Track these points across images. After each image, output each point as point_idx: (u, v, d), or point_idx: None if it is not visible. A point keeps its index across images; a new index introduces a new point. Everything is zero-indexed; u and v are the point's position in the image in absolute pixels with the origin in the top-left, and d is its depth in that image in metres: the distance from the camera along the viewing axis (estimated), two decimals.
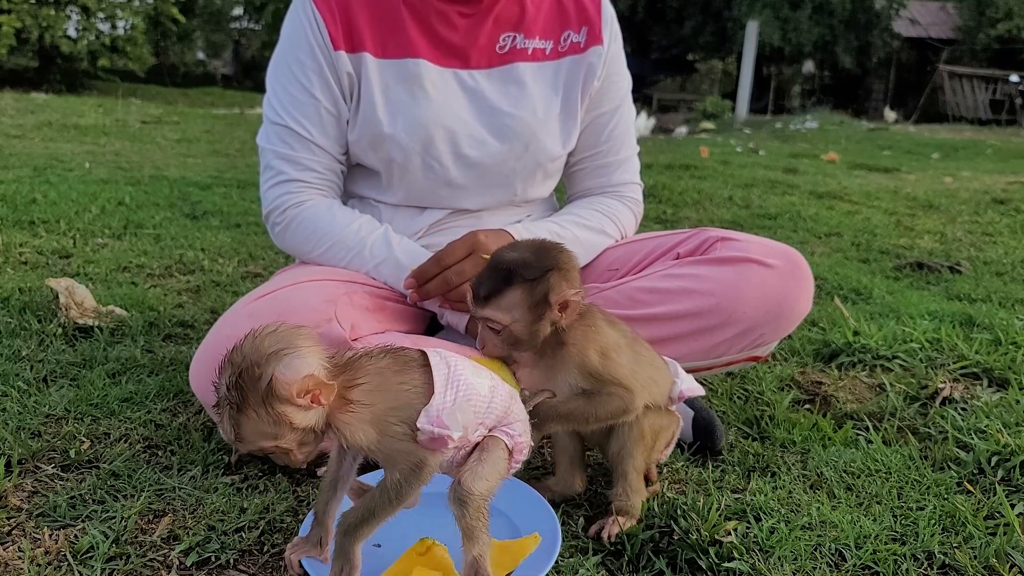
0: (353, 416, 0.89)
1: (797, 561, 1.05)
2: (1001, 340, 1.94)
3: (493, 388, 0.95)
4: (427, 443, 0.91)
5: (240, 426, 0.86)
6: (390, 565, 0.99)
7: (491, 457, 0.93)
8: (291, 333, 0.88)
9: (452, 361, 0.94)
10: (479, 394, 0.93)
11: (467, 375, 0.93)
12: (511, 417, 0.97)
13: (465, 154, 1.42)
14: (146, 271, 2.37)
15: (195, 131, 7.45)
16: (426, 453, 0.90)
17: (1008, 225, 3.86)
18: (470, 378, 0.93)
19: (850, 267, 2.85)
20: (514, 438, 0.95)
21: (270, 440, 0.87)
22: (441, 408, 0.90)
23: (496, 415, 0.95)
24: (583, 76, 1.48)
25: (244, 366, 0.85)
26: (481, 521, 0.92)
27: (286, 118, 1.40)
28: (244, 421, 0.85)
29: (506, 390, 0.97)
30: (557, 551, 1.00)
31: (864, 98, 23.21)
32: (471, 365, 0.96)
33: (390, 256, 1.37)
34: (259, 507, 1.13)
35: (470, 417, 0.92)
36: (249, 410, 0.85)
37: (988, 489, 1.27)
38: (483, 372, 0.96)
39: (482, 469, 0.92)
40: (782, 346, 1.89)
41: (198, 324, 1.91)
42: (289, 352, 0.86)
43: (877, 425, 1.50)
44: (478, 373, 0.95)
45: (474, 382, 0.93)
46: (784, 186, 4.97)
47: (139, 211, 3.20)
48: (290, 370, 0.85)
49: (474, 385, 0.93)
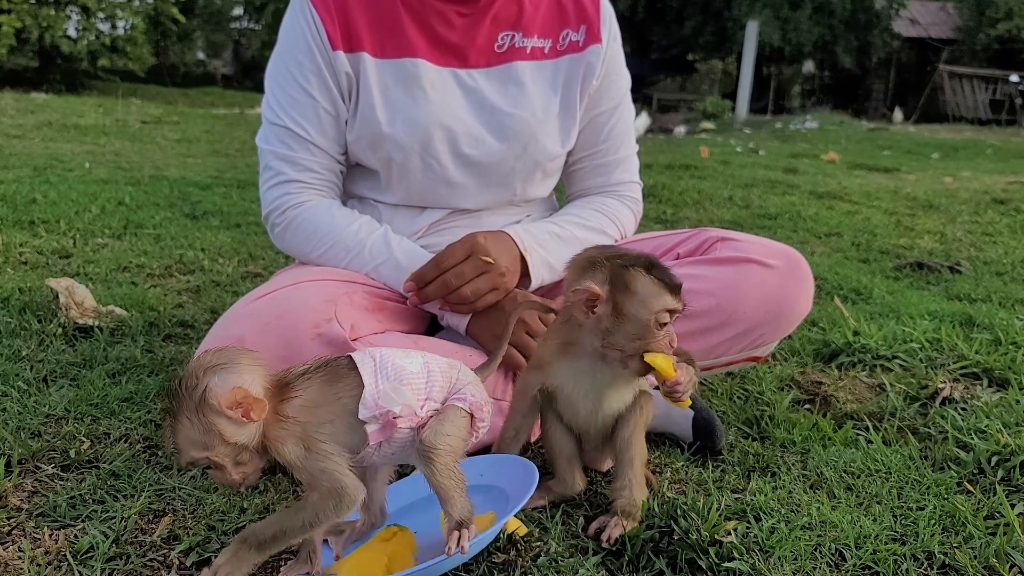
0: (284, 432, 0.90)
1: (797, 561, 1.05)
2: (1001, 340, 1.94)
3: (426, 364, 0.99)
4: (377, 433, 0.93)
5: (175, 433, 0.88)
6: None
7: (448, 417, 0.96)
8: (235, 352, 0.91)
9: (378, 353, 0.97)
10: (412, 372, 0.96)
11: (395, 360, 0.96)
12: (459, 386, 1.00)
13: (464, 153, 1.42)
14: (146, 271, 2.37)
15: (195, 131, 7.45)
16: (345, 480, 0.90)
17: (1008, 225, 3.86)
18: (398, 361, 0.96)
19: (850, 267, 2.85)
20: (467, 399, 0.98)
21: (201, 450, 0.88)
22: (376, 395, 0.93)
23: (440, 387, 0.98)
24: (582, 75, 1.48)
25: (184, 376, 0.88)
26: (453, 481, 0.94)
27: (285, 119, 1.40)
28: (178, 428, 0.88)
29: (444, 363, 1.00)
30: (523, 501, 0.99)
31: (864, 98, 23.21)
32: (398, 351, 0.99)
33: (390, 257, 1.37)
34: (259, 507, 1.13)
35: (408, 396, 0.94)
36: (183, 417, 0.87)
37: (988, 489, 1.27)
38: (412, 354, 0.99)
39: (441, 427, 0.96)
40: (782, 346, 1.89)
41: (198, 324, 1.91)
42: (226, 367, 0.88)
43: (877, 425, 1.50)
44: (406, 356, 0.98)
45: (403, 364, 0.96)
46: (784, 186, 4.97)
47: (139, 211, 3.20)
48: (223, 383, 0.87)
49: (404, 367, 0.96)
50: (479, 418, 1.00)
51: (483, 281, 1.31)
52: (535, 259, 1.39)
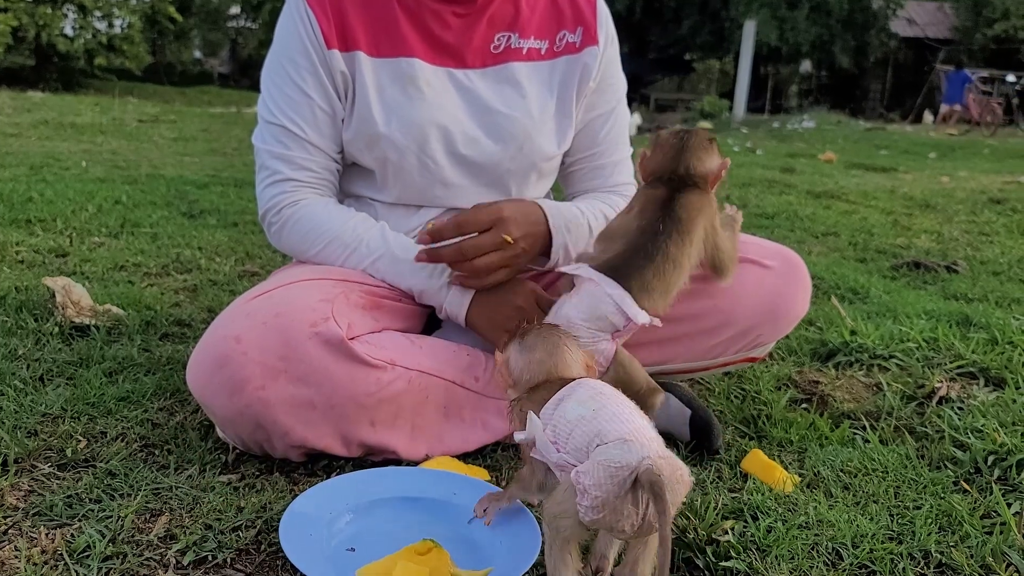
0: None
1: (794, 560, 1.05)
2: (998, 339, 1.95)
3: (581, 418, 0.89)
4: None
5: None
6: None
7: (561, 483, 0.90)
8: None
9: (583, 389, 0.95)
10: (564, 419, 0.91)
11: (569, 402, 0.93)
12: (600, 456, 0.85)
13: (460, 153, 1.42)
14: (143, 270, 2.37)
15: (192, 130, 7.44)
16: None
17: (1005, 225, 3.86)
18: (568, 403, 0.93)
19: (847, 266, 2.85)
20: (580, 473, 0.85)
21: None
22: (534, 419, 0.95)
23: (576, 447, 0.89)
24: (579, 76, 1.48)
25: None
26: (550, 559, 0.90)
27: (281, 117, 1.40)
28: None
29: (593, 430, 0.88)
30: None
31: (861, 98, 23.23)
32: (583, 396, 0.94)
33: (387, 251, 1.37)
34: (256, 506, 1.13)
35: (537, 431, 0.93)
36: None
37: (984, 488, 1.27)
38: (588, 403, 0.92)
39: (553, 495, 0.91)
40: (779, 345, 1.90)
41: (195, 323, 1.90)
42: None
43: (874, 424, 1.50)
44: (587, 401, 0.92)
45: (568, 406, 0.93)
46: (781, 185, 4.97)
47: (136, 210, 3.20)
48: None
49: (566, 410, 0.93)
50: (580, 502, 0.85)
51: (497, 257, 1.29)
52: (559, 241, 1.38)
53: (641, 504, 0.82)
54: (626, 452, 0.82)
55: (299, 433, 1.20)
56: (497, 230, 1.28)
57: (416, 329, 1.43)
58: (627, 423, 0.86)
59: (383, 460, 1.27)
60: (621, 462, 0.81)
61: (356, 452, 1.25)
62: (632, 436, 0.84)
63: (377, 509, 1.13)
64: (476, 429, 1.32)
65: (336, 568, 1.00)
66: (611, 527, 0.84)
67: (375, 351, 1.23)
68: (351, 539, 1.06)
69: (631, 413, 0.89)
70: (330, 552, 1.03)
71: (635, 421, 0.87)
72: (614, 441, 0.83)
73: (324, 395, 1.19)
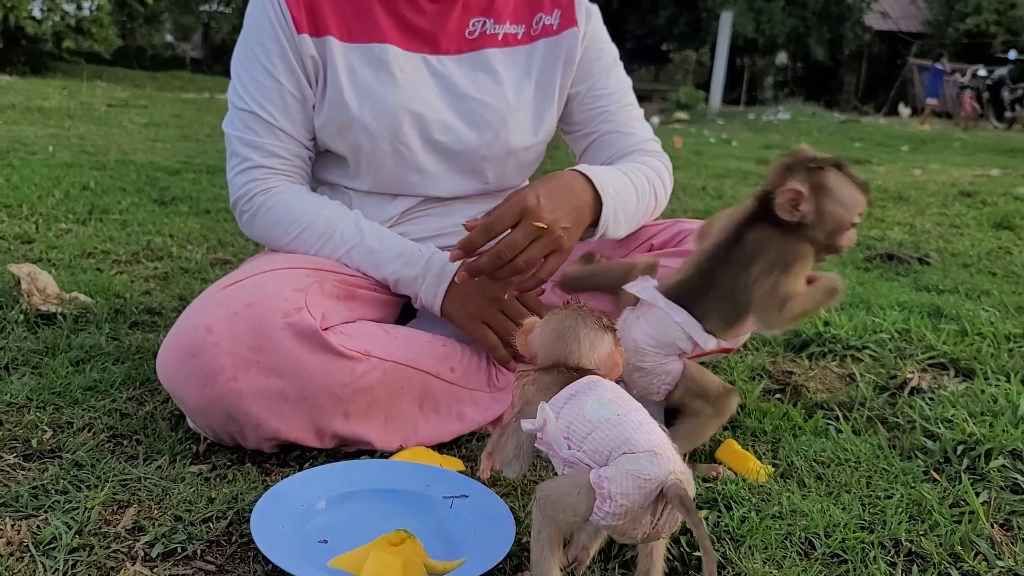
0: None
1: (768, 550, 1.05)
2: (967, 331, 1.97)
3: (604, 420, 0.88)
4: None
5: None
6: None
7: (572, 475, 0.88)
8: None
9: (599, 387, 0.94)
10: (583, 417, 0.90)
11: (587, 399, 0.92)
12: (613, 461, 0.85)
13: (435, 140, 1.40)
14: (112, 257, 2.33)
15: (163, 115, 7.33)
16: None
17: (975, 218, 3.91)
18: (586, 400, 0.91)
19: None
20: (602, 483, 0.84)
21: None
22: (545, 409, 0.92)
23: (595, 448, 0.87)
24: (562, 61, 1.47)
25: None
26: (536, 545, 0.88)
27: (251, 104, 1.37)
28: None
29: (619, 435, 0.86)
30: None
31: (836, 90, 23.43)
32: (604, 397, 0.92)
33: (361, 241, 1.36)
34: (227, 496, 1.12)
35: (548, 419, 0.91)
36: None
37: (954, 477, 1.28)
38: (611, 406, 0.90)
39: (556, 480, 0.90)
40: (753, 336, 1.90)
41: (166, 311, 1.88)
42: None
43: (847, 415, 1.51)
44: (610, 404, 0.90)
45: (586, 404, 0.91)
46: (757, 177, 5.00)
47: (104, 196, 3.14)
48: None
49: (584, 407, 0.91)
50: (600, 507, 0.84)
51: (537, 248, 1.20)
52: (608, 207, 1.31)
53: (657, 515, 0.83)
54: (656, 465, 0.83)
55: (271, 424, 1.18)
56: (527, 220, 1.18)
57: (391, 319, 1.41)
58: (653, 434, 0.86)
59: (356, 451, 1.26)
60: (650, 475, 0.82)
61: (329, 443, 1.24)
62: (660, 449, 0.84)
63: (350, 501, 1.12)
64: (451, 420, 1.31)
65: (308, 559, 0.98)
66: (623, 533, 0.85)
67: (349, 341, 1.22)
68: (324, 530, 1.05)
69: (652, 424, 0.89)
70: (302, 543, 1.02)
71: (659, 433, 0.87)
72: (643, 452, 0.84)
73: (297, 386, 1.18)
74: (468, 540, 1.04)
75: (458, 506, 1.10)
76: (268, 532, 1.01)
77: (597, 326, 1.00)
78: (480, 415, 1.33)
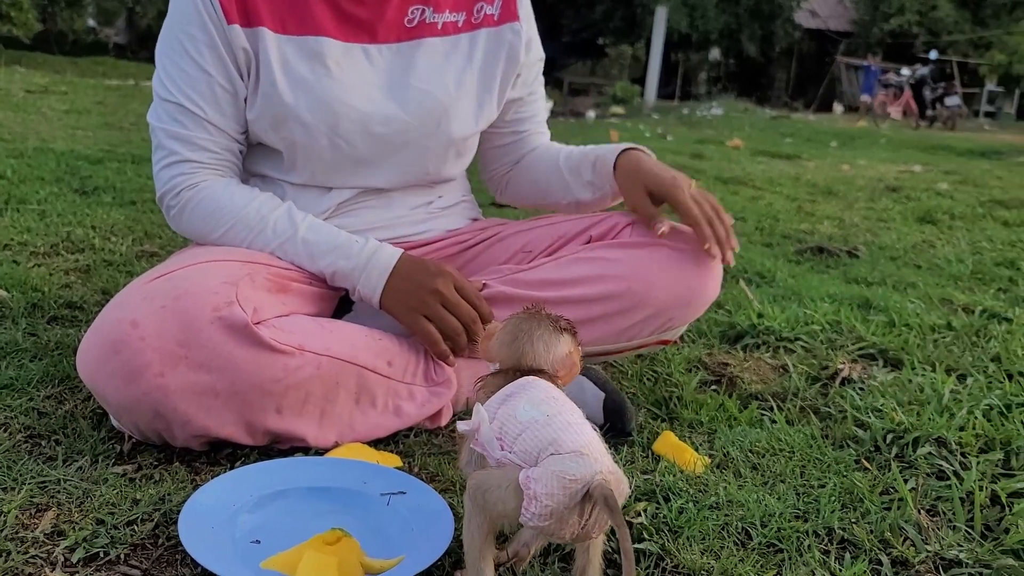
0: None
1: (705, 540, 1.06)
2: (895, 322, 2.02)
3: (534, 421, 0.87)
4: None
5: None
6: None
7: (500, 472, 0.87)
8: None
9: (534, 387, 0.92)
10: (514, 418, 0.88)
11: (520, 400, 0.90)
12: (541, 462, 0.84)
13: (374, 132, 1.37)
14: (29, 249, 2.23)
15: (85, 102, 7.06)
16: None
17: (900, 212, 4.03)
18: (519, 401, 0.90)
19: (754, 251, 2.92)
20: (529, 483, 0.82)
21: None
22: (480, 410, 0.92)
23: (525, 449, 0.86)
24: (504, 56, 1.46)
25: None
26: (467, 540, 0.88)
27: (177, 95, 1.32)
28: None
29: (547, 436, 0.85)
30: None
31: (767, 86, 23.95)
32: (536, 398, 0.91)
33: (295, 234, 1.32)
34: (153, 498, 1.07)
35: (483, 421, 0.90)
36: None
37: (884, 465, 1.31)
38: (541, 406, 0.89)
39: (488, 475, 0.87)
40: (690, 328, 1.92)
41: (87, 306, 1.80)
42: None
43: (780, 405, 1.54)
44: (541, 404, 0.89)
45: (519, 405, 0.90)
46: (691, 171, 5.06)
47: (22, 185, 3.00)
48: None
49: (516, 408, 0.90)
50: (528, 508, 0.82)
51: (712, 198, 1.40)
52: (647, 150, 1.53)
53: (585, 515, 0.82)
54: (581, 465, 0.81)
55: (200, 421, 1.14)
56: (685, 191, 1.40)
57: (327, 313, 1.38)
58: (581, 435, 0.85)
59: (290, 448, 1.23)
60: (576, 475, 0.81)
61: (262, 440, 1.21)
62: (587, 449, 0.83)
63: (284, 499, 1.09)
64: (388, 415, 1.29)
65: (240, 561, 0.95)
66: (552, 533, 0.84)
67: (282, 336, 1.18)
68: (256, 531, 1.02)
69: (583, 424, 0.88)
70: (234, 545, 0.99)
71: (588, 433, 0.86)
72: (570, 453, 0.82)
73: (227, 382, 1.14)
74: (406, 537, 1.02)
75: (395, 503, 1.08)
76: (197, 534, 0.97)
77: (553, 328, 0.99)
78: (417, 410, 1.31)
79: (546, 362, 0.98)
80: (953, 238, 3.40)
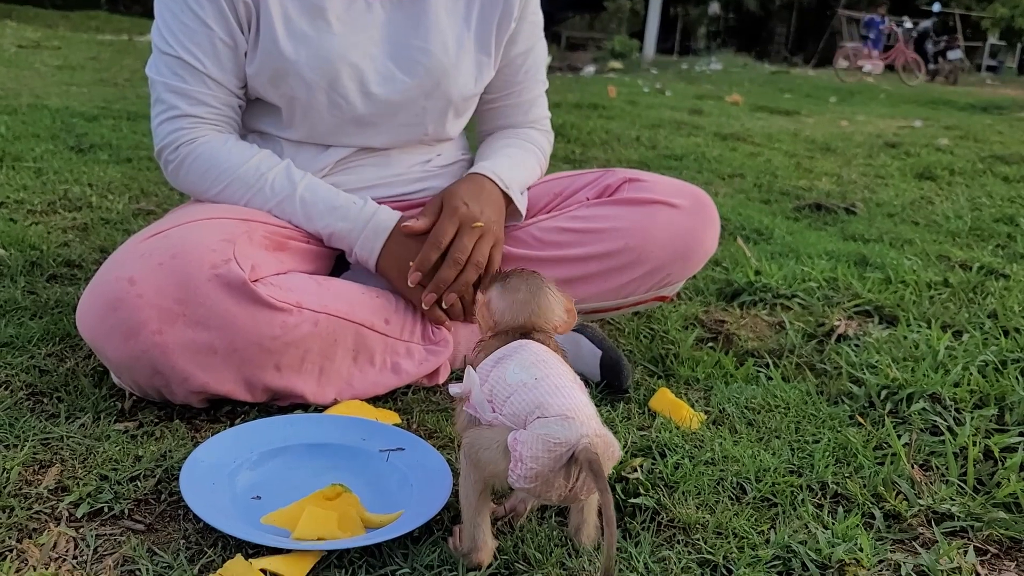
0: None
1: (701, 495, 1.07)
2: (891, 279, 2.03)
3: (523, 384, 0.87)
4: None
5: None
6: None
7: (491, 431, 0.88)
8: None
9: (524, 350, 0.93)
10: (504, 381, 0.89)
11: (511, 362, 0.91)
12: (540, 428, 0.83)
13: (373, 92, 1.36)
14: (26, 207, 2.22)
15: (79, 58, 6.98)
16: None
17: (899, 168, 4.01)
18: (509, 364, 0.91)
19: (752, 208, 2.91)
20: (517, 441, 0.83)
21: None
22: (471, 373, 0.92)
23: (514, 412, 0.86)
24: (499, 14, 1.44)
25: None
26: (462, 479, 0.90)
27: (177, 48, 1.30)
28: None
29: (534, 399, 0.85)
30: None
31: (767, 40, 23.66)
32: (531, 356, 0.91)
33: (293, 193, 1.31)
34: (155, 454, 1.08)
35: (474, 385, 0.90)
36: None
37: (877, 421, 1.33)
38: (531, 369, 0.89)
39: (479, 433, 0.88)
40: (687, 285, 1.93)
41: (86, 264, 1.80)
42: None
43: (776, 362, 1.55)
44: (524, 368, 0.90)
45: (509, 367, 0.90)
46: (690, 127, 5.02)
47: (16, 143, 2.98)
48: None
49: (506, 370, 0.90)
50: (513, 470, 0.83)
51: (483, 245, 1.29)
52: (516, 196, 1.41)
53: (572, 478, 0.83)
54: (566, 429, 0.82)
55: (200, 379, 1.15)
56: (466, 225, 1.27)
57: (324, 272, 1.38)
58: (569, 398, 0.85)
59: (290, 405, 1.24)
60: (560, 438, 0.81)
61: (261, 397, 1.21)
62: (573, 412, 0.83)
63: (284, 456, 1.10)
64: (386, 373, 1.30)
65: (241, 516, 0.97)
66: (538, 495, 0.84)
67: (280, 293, 1.19)
68: (256, 487, 1.04)
69: (572, 387, 0.88)
70: (234, 500, 1.00)
71: (576, 396, 0.86)
72: (555, 416, 0.83)
73: (226, 339, 1.14)
74: (405, 493, 1.03)
75: (394, 459, 1.09)
76: (198, 489, 0.98)
77: (545, 285, 1.01)
78: (415, 368, 1.32)
79: (549, 321, 0.99)
80: (952, 194, 3.39)
